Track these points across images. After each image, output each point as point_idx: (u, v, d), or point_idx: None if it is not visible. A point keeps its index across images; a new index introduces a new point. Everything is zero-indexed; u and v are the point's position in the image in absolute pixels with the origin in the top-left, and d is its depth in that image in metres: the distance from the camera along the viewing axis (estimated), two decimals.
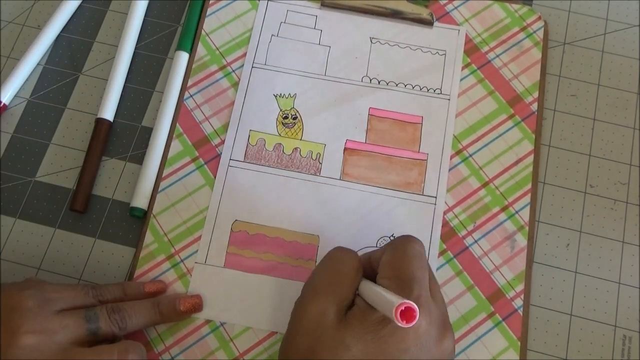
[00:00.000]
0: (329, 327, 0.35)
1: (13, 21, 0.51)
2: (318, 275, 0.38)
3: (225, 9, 0.51)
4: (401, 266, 0.36)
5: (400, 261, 0.36)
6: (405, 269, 0.35)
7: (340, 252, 0.38)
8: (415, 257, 0.36)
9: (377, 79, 0.48)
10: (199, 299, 0.42)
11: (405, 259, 0.36)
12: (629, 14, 0.51)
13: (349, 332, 0.34)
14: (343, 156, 0.46)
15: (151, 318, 0.40)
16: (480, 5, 0.50)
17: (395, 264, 0.36)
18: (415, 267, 0.36)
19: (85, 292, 0.40)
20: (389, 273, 0.36)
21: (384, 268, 0.36)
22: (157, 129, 0.46)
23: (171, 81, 0.48)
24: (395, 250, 0.37)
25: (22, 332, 0.35)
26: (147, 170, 0.45)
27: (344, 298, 0.36)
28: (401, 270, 0.35)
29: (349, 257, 0.38)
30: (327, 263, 0.38)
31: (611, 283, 0.44)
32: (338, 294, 0.36)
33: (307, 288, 0.38)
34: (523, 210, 0.45)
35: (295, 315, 0.37)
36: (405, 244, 0.37)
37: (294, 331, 0.37)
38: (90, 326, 0.37)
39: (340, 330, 0.35)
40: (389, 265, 0.36)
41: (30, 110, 0.48)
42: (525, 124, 0.47)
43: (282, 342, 0.38)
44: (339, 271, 0.37)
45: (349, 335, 0.34)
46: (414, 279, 0.35)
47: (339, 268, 0.37)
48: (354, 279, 0.37)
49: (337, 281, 0.37)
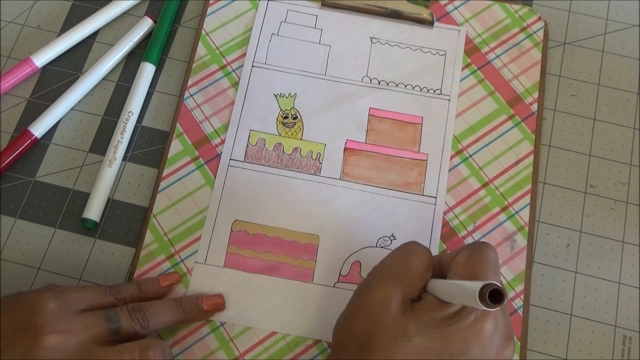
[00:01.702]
0: (392, 315, 0.35)
1: (13, 21, 0.51)
2: (389, 263, 0.38)
3: (225, 8, 0.51)
4: (476, 268, 0.35)
5: (476, 264, 0.35)
6: (480, 272, 0.35)
7: (415, 246, 0.38)
8: (491, 262, 0.36)
9: (377, 79, 0.48)
10: (221, 298, 0.42)
11: (481, 263, 0.35)
12: (629, 14, 0.51)
13: (413, 322, 0.34)
14: (343, 156, 0.46)
15: (174, 317, 0.41)
16: (481, 5, 0.50)
17: (471, 265, 0.35)
18: (490, 272, 0.35)
19: (102, 291, 0.40)
20: (463, 272, 0.35)
21: (458, 267, 0.36)
22: (115, 137, 0.46)
23: (133, 92, 0.47)
24: (473, 252, 0.36)
25: (45, 332, 0.36)
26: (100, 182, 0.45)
27: (410, 290, 0.36)
28: (476, 273, 0.35)
29: (423, 253, 0.38)
30: (400, 253, 0.38)
31: (611, 283, 0.44)
32: (406, 285, 0.36)
33: (376, 273, 0.38)
34: (523, 211, 0.45)
35: (359, 296, 0.37)
36: (483, 248, 0.36)
37: (354, 311, 0.37)
38: (111, 326, 0.38)
39: (403, 320, 0.34)
40: (464, 266, 0.36)
41: (31, 110, 0.48)
42: (525, 125, 0.47)
43: (338, 322, 0.38)
44: (410, 263, 0.37)
45: (412, 326, 0.34)
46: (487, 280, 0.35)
47: (411, 261, 0.37)
48: (424, 275, 0.37)
49: (407, 272, 0.36)
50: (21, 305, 0.37)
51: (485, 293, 0.29)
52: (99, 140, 0.47)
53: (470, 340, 0.34)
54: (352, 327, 0.36)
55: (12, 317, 0.37)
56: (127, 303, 0.40)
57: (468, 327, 0.34)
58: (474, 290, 0.29)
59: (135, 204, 0.46)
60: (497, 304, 0.29)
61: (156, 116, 0.48)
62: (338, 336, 0.37)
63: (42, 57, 0.49)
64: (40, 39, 0.50)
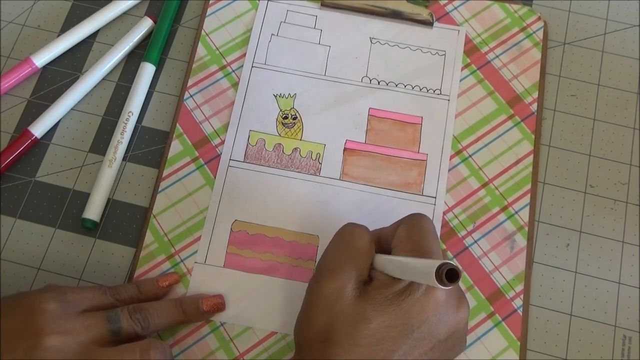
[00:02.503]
0: (348, 302, 0.35)
1: (13, 21, 0.51)
2: (333, 252, 0.38)
3: (225, 9, 0.51)
4: (419, 240, 0.36)
5: (417, 235, 0.37)
6: (423, 242, 0.36)
7: (353, 227, 0.38)
8: (431, 232, 0.37)
9: (377, 79, 0.48)
10: (221, 299, 0.42)
11: (423, 234, 0.37)
12: (629, 14, 0.51)
13: (369, 305, 0.35)
14: (343, 156, 0.46)
15: (174, 317, 0.41)
16: (480, 5, 0.50)
17: (413, 238, 0.37)
18: (432, 241, 0.36)
19: (102, 291, 0.40)
20: (407, 247, 0.36)
21: (401, 242, 0.37)
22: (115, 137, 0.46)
23: (133, 92, 0.47)
24: (412, 225, 0.37)
25: (46, 333, 0.36)
26: (100, 182, 0.45)
27: (361, 273, 0.36)
28: (419, 244, 0.36)
29: (362, 232, 0.38)
30: (340, 239, 0.38)
31: (611, 283, 0.44)
32: (355, 269, 0.36)
33: (322, 265, 0.38)
34: (523, 211, 0.45)
35: (312, 293, 0.37)
36: (420, 220, 0.37)
37: (310, 309, 0.37)
38: (112, 327, 0.38)
39: (360, 304, 0.35)
40: (407, 239, 0.37)
41: (31, 110, 0.48)
42: (525, 124, 0.47)
43: (297, 322, 0.38)
44: (353, 247, 0.37)
45: (370, 308, 0.34)
46: (432, 253, 0.36)
47: (353, 244, 0.37)
48: (369, 254, 0.37)
49: (353, 257, 0.37)
50: (22, 306, 0.37)
51: (442, 273, 0.29)
52: (99, 140, 0.47)
53: (427, 309, 0.34)
54: (311, 325, 0.36)
55: (12, 317, 0.37)
56: (127, 304, 0.40)
57: (422, 296, 0.34)
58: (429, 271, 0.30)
59: (135, 204, 0.46)
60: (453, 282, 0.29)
61: (156, 116, 0.48)
62: (299, 337, 0.37)
63: (42, 57, 0.49)
64: (40, 39, 0.50)
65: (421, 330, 0.34)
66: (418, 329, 0.34)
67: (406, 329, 0.34)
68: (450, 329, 0.35)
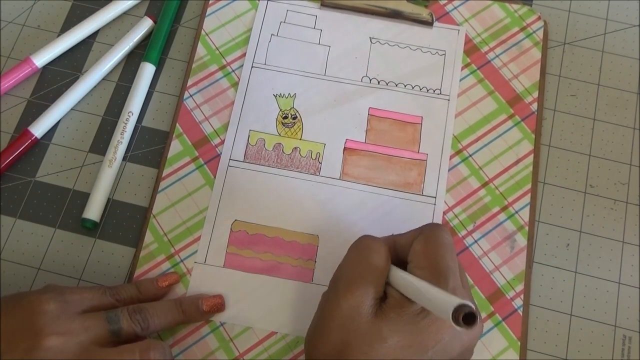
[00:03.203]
0: (365, 320, 0.35)
1: (13, 21, 0.51)
2: (349, 266, 0.37)
3: (224, 8, 0.51)
4: (436, 256, 0.35)
5: (434, 251, 0.36)
6: (440, 259, 0.35)
7: (369, 241, 0.38)
8: (448, 246, 0.36)
9: (377, 79, 0.48)
10: (220, 299, 0.42)
11: (439, 249, 0.36)
12: (629, 14, 0.51)
13: (385, 324, 0.34)
14: (343, 156, 0.46)
15: (174, 318, 0.41)
16: (480, 5, 0.50)
17: (429, 253, 0.36)
18: (449, 257, 0.36)
19: (102, 292, 0.40)
20: (423, 263, 0.36)
21: (417, 257, 0.36)
22: (115, 137, 0.46)
23: (133, 92, 0.47)
24: (428, 239, 0.36)
25: (46, 334, 0.36)
26: (100, 182, 0.45)
27: (376, 290, 0.36)
28: (436, 261, 0.35)
29: (379, 246, 0.37)
30: (357, 253, 0.38)
31: (611, 283, 0.44)
32: (372, 286, 0.36)
33: (338, 279, 0.37)
34: (523, 210, 0.45)
35: (327, 307, 0.37)
36: (437, 233, 0.37)
37: (325, 323, 0.36)
38: (111, 327, 0.38)
39: (376, 322, 0.34)
40: (423, 255, 0.36)
41: (31, 110, 0.48)
42: (525, 124, 0.47)
43: (309, 336, 0.37)
44: (370, 262, 0.37)
45: (386, 327, 0.34)
46: (449, 270, 0.35)
47: (371, 259, 0.37)
48: (385, 269, 0.37)
49: (370, 272, 0.36)
50: (21, 306, 0.37)
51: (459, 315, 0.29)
52: (99, 140, 0.47)
53: (443, 329, 0.34)
54: (325, 340, 0.36)
55: (12, 318, 0.37)
56: (127, 304, 0.40)
57: (438, 317, 0.34)
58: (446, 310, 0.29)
59: (135, 204, 0.46)
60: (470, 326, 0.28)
61: (156, 116, 0.48)
62: (311, 350, 0.37)
63: (42, 57, 0.49)
64: (40, 39, 0.50)
65: (435, 350, 0.34)
66: (432, 348, 0.34)
67: (421, 349, 0.34)
68: (463, 346, 0.35)
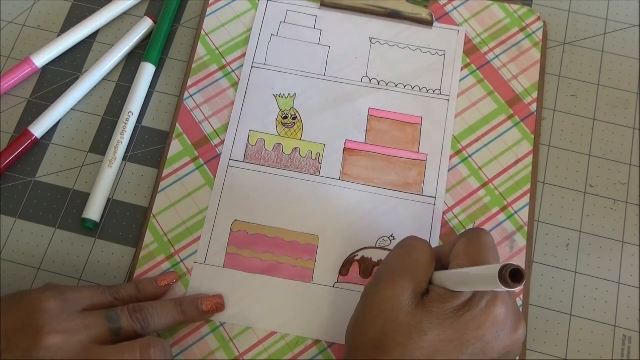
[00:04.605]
0: (405, 312, 0.35)
1: (13, 21, 0.51)
2: (394, 261, 0.38)
3: (224, 9, 0.51)
4: (478, 256, 0.36)
5: (476, 251, 0.36)
6: (482, 258, 0.35)
7: (414, 240, 0.38)
8: (490, 246, 0.36)
9: (377, 79, 0.48)
10: (220, 299, 0.42)
11: (481, 249, 0.36)
12: (629, 14, 0.51)
13: (426, 317, 0.34)
14: (342, 156, 0.46)
15: (174, 317, 0.41)
16: (480, 5, 0.50)
17: (471, 253, 0.36)
18: (491, 256, 0.36)
19: (102, 290, 0.40)
20: (465, 262, 0.36)
21: (459, 257, 0.36)
22: (115, 137, 0.46)
23: (133, 92, 0.47)
24: (471, 240, 0.37)
25: (46, 332, 0.36)
26: (100, 182, 0.45)
27: (418, 284, 0.36)
28: (478, 260, 0.35)
29: (424, 246, 0.38)
30: (402, 250, 0.38)
31: (611, 283, 0.44)
32: (414, 280, 0.36)
33: (381, 273, 0.38)
34: (522, 211, 0.45)
35: (368, 298, 0.37)
36: (480, 235, 0.37)
37: (365, 314, 0.36)
38: (111, 326, 0.38)
39: (417, 315, 0.35)
40: (465, 255, 0.36)
41: (31, 110, 0.48)
42: (525, 125, 0.47)
43: (351, 325, 0.38)
44: (414, 258, 0.37)
45: (426, 320, 0.34)
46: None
47: (415, 255, 0.37)
48: (429, 268, 0.37)
49: (413, 267, 0.37)
50: (21, 305, 0.37)
51: (506, 273, 0.29)
52: (99, 140, 0.47)
53: (485, 326, 0.34)
54: (365, 329, 0.36)
55: (12, 316, 0.37)
56: (126, 303, 0.40)
57: (481, 313, 0.34)
58: (492, 274, 0.29)
59: (135, 204, 0.46)
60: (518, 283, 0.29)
61: (156, 116, 0.48)
62: (351, 339, 0.37)
63: (42, 57, 0.49)
64: (40, 39, 0.50)
65: (476, 347, 0.34)
66: (473, 345, 0.34)
67: (461, 345, 0.34)
68: (504, 349, 0.35)
